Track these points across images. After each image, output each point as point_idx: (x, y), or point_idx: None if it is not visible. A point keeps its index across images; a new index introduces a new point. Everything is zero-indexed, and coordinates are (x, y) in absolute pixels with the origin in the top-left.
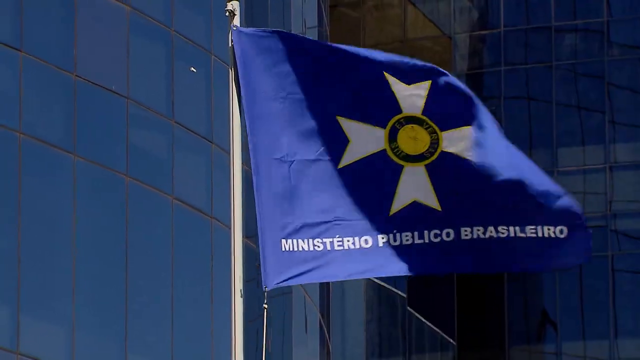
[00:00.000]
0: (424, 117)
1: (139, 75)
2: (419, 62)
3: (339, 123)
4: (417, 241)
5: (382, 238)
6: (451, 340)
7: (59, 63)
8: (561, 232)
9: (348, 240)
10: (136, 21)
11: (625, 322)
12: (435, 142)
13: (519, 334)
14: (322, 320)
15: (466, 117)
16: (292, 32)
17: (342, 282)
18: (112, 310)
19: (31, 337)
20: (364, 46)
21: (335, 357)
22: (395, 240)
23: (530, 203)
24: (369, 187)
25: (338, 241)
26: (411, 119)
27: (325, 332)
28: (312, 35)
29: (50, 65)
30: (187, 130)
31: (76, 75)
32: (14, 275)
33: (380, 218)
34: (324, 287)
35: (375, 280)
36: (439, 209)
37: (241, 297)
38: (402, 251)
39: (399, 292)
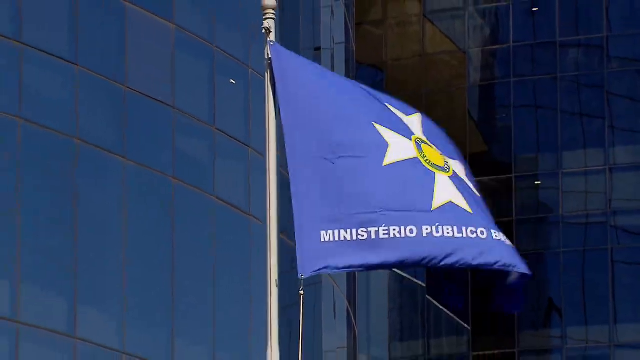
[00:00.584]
0: (430, 143)
1: (183, 86)
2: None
3: (376, 129)
4: (456, 235)
5: (426, 229)
6: (466, 326)
7: (111, 75)
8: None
9: (394, 229)
10: (181, 38)
11: (623, 309)
12: (447, 162)
13: (527, 321)
14: (349, 308)
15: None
16: (322, 47)
17: (367, 273)
18: (159, 295)
19: (86, 324)
20: (387, 60)
21: (361, 341)
22: (437, 232)
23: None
24: (410, 184)
25: (384, 230)
26: (424, 140)
27: (352, 318)
28: (340, 51)
29: (104, 78)
30: (227, 136)
31: (126, 87)
32: (71, 270)
33: (423, 211)
34: (351, 277)
35: (397, 272)
36: (470, 211)
37: (276, 286)
38: (444, 242)
39: (419, 283)
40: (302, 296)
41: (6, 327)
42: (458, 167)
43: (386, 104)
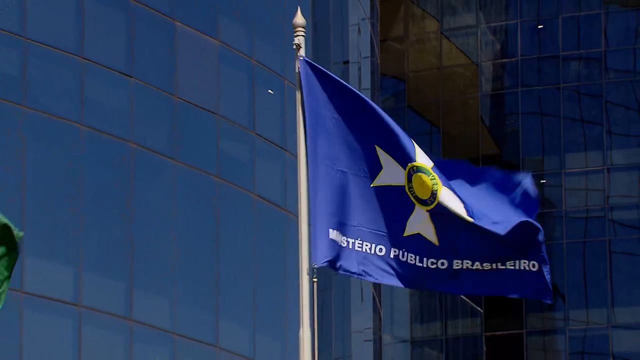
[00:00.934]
0: (432, 170)
1: (227, 96)
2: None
3: (376, 151)
4: (417, 263)
5: (394, 251)
6: (479, 309)
7: (163, 87)
8: (533, 266)
9: (366, 245)
10: (224, 53)
11: (620, 294)
12: (435, 192)
13: (534, 304)
14: (374, 293)
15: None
16: (350, 60)
17: None
18: (205, 282)
19: (142, 308)
20: (408, 72)
21: (385, 322)
22: (403, 257)
23: (510, 246)
24: (389, 208)
25: (358, 243)
26: (421, 169)
27: (378, 302)
28: (366, 64)
29: (156, 89)
30: (266, 140)
31: (177, 97)
32: (128, 259)
33: (395, 236)
34: None
35: None
36: (437, 243)
37: (307, 274)
38: (405, 267)
39: None
40: (315, 283)
41: (69, 310)
42: (450, 197)
43: (394, 129)
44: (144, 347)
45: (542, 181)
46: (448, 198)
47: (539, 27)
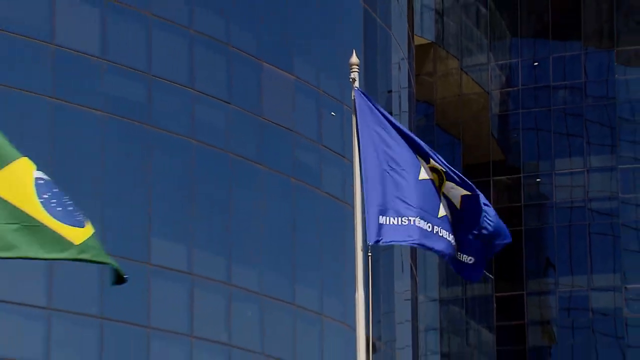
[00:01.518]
0: (442, 169)
1: (301, 117)
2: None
3: (416, 155)
4: (447, 238)
5: (436, 229)
6: (490, 276)
7: (253, 111)
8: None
9: (420, 222)
10: (298, 85)
11: (596, 265)
12: (441, 182)
13: (532, 272)
14: (411, 263)
15: (465, 184)
16: (393, 90)
17: None
18: (286, 257)
19: (239, 276)
20: (436, 99)
21: (419, 285)
22: (441, 233)
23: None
24: (429, 196)
25: (417, 220)
26: (433, 169)
27: (414, 270)
28: (404, 93)
29: (249, 112)
30: (330, 150)
31: (263, 118)
32: (227, 247)
33: (434, 216)
34: None
35: None
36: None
37: (361, 250)
38: (440, 239)
39: None
40: (370, 256)
41: (183, 278)
42: (454, 191)
43: (422, 145)
44: (241, 306)
45: (537, 180)
46: (450, 189)
47: (535, 64)
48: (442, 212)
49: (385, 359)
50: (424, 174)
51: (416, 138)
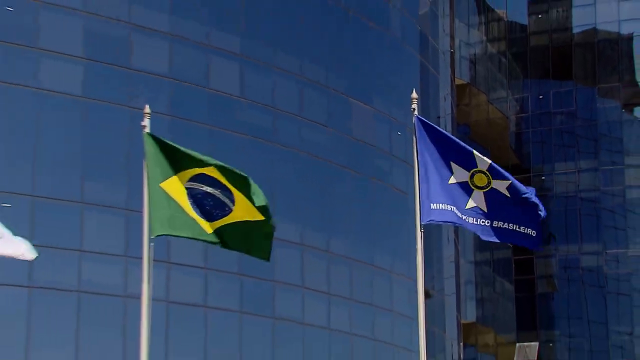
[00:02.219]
0: (487, 172)
1: (379, 135)
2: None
3: (451, 165)
4: (475, 222)
5: (462, 214)
6: (510, 245)
7: (346, 132)
8: (532, 232)
9: (452, 208)
10: (376, 114)
11: (585, 237)
12: (489, 182)
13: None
14: (455, 237)
15: (505, 175)
16: (440, 116)
17: None
18: (361, 237)
19: (323, 241)
20: (470, 122)
21: (460, 252)
22: (469, 219)
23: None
24: (458, 194)
25: (448, 208)
26: (480, 171)
27: (456, 241)
28: (449, 118)
29: (342, 133)
30: (397, 158)
31: (353, 137)
32: (326, 232)
33: (462, 207)
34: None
35: None
36: (486, 211)
37: (420, 230)
38: (466, 222)
39: None
40: (422, 232)
41: (294, 247)
42: (501, 184)
43: (468, 148)
44: (340, 268)
45: (542, 177)
46: (497, 185)
47: (540, 97)
48: (471, 204)
49: (437, 303)
50: (455, 178)
51: (468, 147)
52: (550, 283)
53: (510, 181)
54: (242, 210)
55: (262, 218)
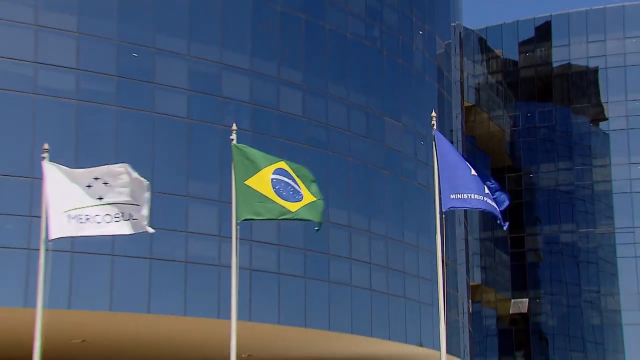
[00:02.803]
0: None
1: (406, 144)
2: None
3: (469, 165)
4: (489, 202)
5: (483, 197)
6: (506, 224)
7: (381, 141)
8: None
9: (473, 196)
10: (405, 129)
11: (563, 219)
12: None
13: (528, 223)
14: (465, 220)
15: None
16: (453, 129)
17: None
18: (395, 220)
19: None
20: (475, 134)
21: (469, 230)
22: (486, 200)
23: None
24: (477, 183)
25: (473, 195)
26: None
27: (465, 222)
28: (459, 132)
29: (377, 142)
30: (422, 162)
31: (386, 145)
32: (368, 215)
33: (482, 193)
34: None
35: None
36: (487, 192)
37: (442, 215)
38: (485, 204)
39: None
40: (444, 216)
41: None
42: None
43: (468, 164)
44: (377, 243)
45: (530, 175)
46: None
47: (528, 115)
48: (486, 190)
49: (452, 270)
50: (473, 172)
51: (464, 159)
52: (537, 254)
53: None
54: (306, 195)
55: (315, 199)
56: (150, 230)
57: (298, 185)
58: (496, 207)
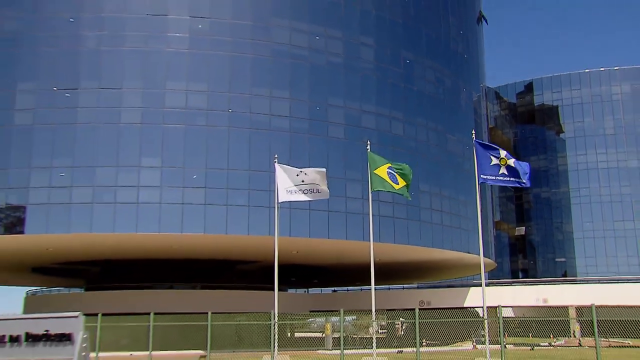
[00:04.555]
0: (505, 158)
1: (454, 150)
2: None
3: (490, 157)
4: (505, 179)
5: (497, 177)
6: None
7: (436, 144)
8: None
9: (494, 177)
10: (457, 141)
11: (554, 183)
12: (507, 162)
13: (532, 190)
14: (490, 187)
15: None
16: (483, 140)
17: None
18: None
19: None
20: (496, 143)
21: (493, 193)
22: (499, 179)
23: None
24: (496, 168)
25: (494, 177)
26: (502, 158)
27: (491, 188)
28: (486, 135)
29: (434, 145)
30: (465, 158)
31: (447, 150)
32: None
33: (497, 173)
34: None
35: None
36: (507, 173)
37: (479, 191)
38: (508, 181)
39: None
40: (479, 186)
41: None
42: (512, 162)
43: (497, 147)
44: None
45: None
46: (511, 163)
47: (522, 131)
48: (502, 170)
49: (484, 213)
50: (494, 162)
51: (498, 148)
52: (529, 204)
53: (513, 159)
54: (401, 182)
55: (405, 184)
56: (327, 196)
57: (396, 176)
58: (510, 180)
